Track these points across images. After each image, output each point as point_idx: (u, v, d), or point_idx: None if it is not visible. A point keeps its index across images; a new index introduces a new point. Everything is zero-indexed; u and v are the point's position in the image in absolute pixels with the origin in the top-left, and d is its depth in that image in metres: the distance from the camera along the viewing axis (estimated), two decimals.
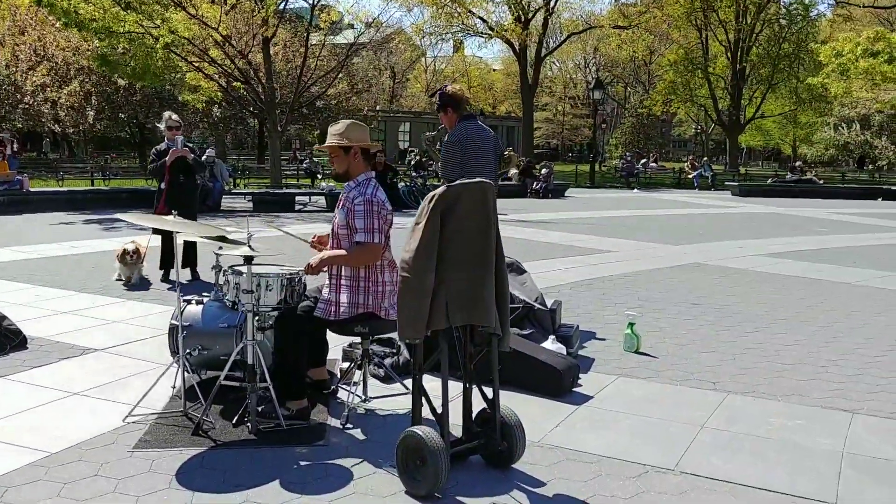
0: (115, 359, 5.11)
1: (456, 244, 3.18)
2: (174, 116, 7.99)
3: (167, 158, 7.75)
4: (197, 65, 18.39)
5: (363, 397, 4.23)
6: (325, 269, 3.97)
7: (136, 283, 7.60)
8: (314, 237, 4.32)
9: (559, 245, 11.44)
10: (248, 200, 17.30)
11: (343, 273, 3.94)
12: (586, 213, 17.63)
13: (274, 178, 20.18)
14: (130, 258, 7.51)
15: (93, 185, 20.64)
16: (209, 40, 18.60)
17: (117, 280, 7.71)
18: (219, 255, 4.31)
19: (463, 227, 3.18)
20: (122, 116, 29.42)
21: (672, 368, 5.09)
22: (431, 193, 3.16)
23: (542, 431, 3.92)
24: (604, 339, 5.81)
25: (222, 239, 4.17)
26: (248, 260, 3.86)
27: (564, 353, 4.77)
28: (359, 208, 3.87)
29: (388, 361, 4.77)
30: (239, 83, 19.44)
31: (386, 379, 4.68)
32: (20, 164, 21.42)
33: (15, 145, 18.40)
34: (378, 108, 53.07)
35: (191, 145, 8.11)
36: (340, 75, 30.29)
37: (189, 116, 32.28)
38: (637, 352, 5.43)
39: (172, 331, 4.41)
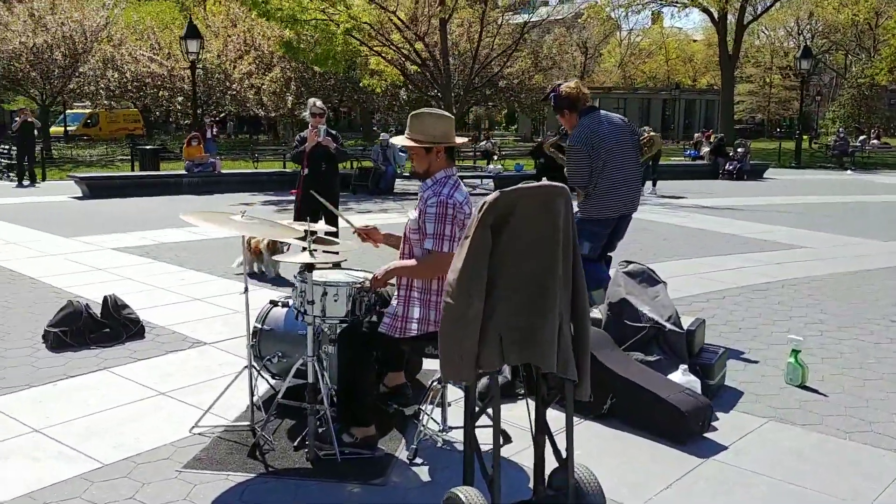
0: (220, 355, 4.97)
1: (510, 265, 2.52)
2: (318, 103, 7.84)
3: (307, 145, 7.62)
4: (376, 49, 18.62)
5: (441, 426, 3.68)
6: (394, 280, 3.46)
7: (278, 276, 7.43)
8: (361, 228, 3.84)
9: (741, 238, 10.15)
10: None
11: (414, 284, 3.40)
12: (784, 198, 15.76)
13: None
14: (277, 249, 7.28)
15: (284, 167, 21.67)
16: (389, 24, 18.77)
17: (251, 273, 7.44)
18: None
19: (520, 243, 2.52)
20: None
21: (844, 414, 4.05)
22: (483, 201, 2.53)
23: (646, 493, 3.17)
24: (759, 363, 4.83)
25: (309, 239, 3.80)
26: (310, 268, 3.44)
27: (698, 387, 3.92)
28: (430, 210, 3.32)
29: (482, 382, 4.18)
30: (416, 65, 19.48)
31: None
32: (218, 147, 22.93)
33: (214, 129, 19.74)
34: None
35: (334, 132, 7.93)
36: (525, 53, 29.75)
37: (378, 100, 33.30)
38: (802, 386, 4.42)
39: (255, 334, 4.13)
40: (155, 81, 28.18)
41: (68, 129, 34.36)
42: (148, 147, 20.31)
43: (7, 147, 19.71)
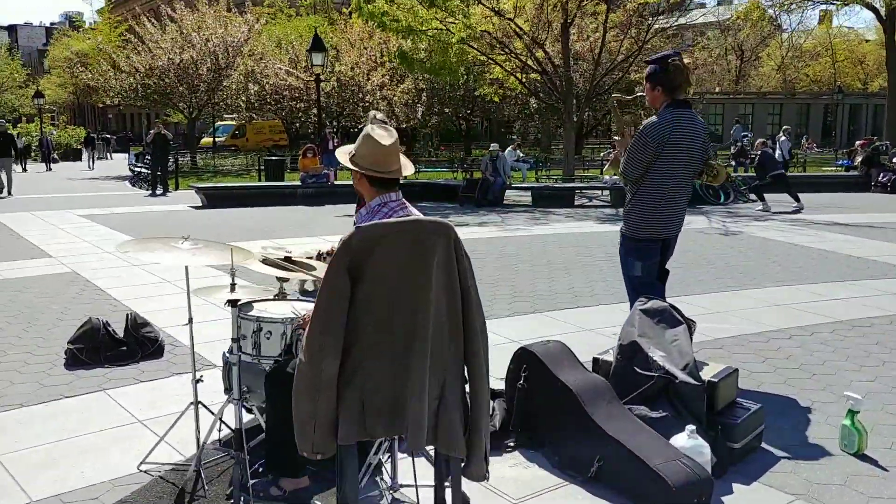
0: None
1: (374, 317, 2.09)
2: (378, 115, 7.57)
3: None
4: (492, 57, 18.29)
5: (391, 483, 3.26)
6: None
7: None
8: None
9: (866, 261, 8.92)
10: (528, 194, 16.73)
11: None
12: None
13: (566, 170, 19.35)
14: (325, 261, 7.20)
15: (406, 178, 21.79)
16: (508, 32, 18.39)
17: (306, 290, 7.34)
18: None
19: (383, 290, 2.08)
20: (447, 111, 30.89)
21: None
22: (341, 238, 2.12)
23: None
24: (819, 422, 4.03)
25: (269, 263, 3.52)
26: (233, 304, 3.14)
27: (706, 454, 3.25)
28: None
29: None
30: (537, 73, 18.95)
31: None
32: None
33: (336, 140, 20.23)
34: (717, 90, 49.16)
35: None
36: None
37: (508, 110, 32.92)
38: (857, 454, 3.62)
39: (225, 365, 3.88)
40: (292, 94, 29.33)
41: (217, 140, 36.57)
42: (273, 158, 21.07)
43: (145, 157, 21.04)
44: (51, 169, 30.83)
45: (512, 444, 3.75)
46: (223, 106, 31.68)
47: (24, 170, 30.44)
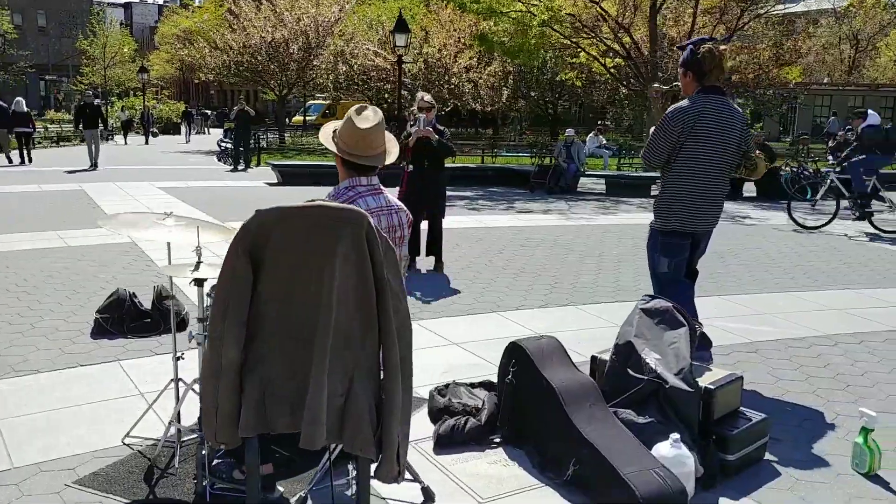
0: None
1: (276, 306, 2.02)
2: (427, 97, 7.49)
3: (410, 140, 7.33)
4: (576, 41, 17.84)
5: (354, 473, 3.19)
6: None
7: None
8: None
9: None
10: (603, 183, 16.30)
11: None
12: None
13: None
14: None
15: (483, 161, 21.63)
16: (593, 14, 17.90)
17: None
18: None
19: (283, 278, 2.00)
20: (533, 95, 30.46)
21: None
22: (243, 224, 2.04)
23: None
24: (839, 438, 3.71)
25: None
26: (199, 283, 3.12)
27: (690, 465, 3.04)
28: None
29: (448, 424, 3.62)
30: (621, 58, 18.40)
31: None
32: None
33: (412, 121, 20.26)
34: (826, 80, 46.57)
35: (441, 128, 7.54)
36: (764, 45, 27.06)
37: (598, 94, 32.18)
38: (868, 474, 3.32)
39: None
40: (379, 75, 29.52)
41: (308, 118, 37.32)
42: None
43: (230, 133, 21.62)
44: (149, 142, 32.21)
45: (497, 440, 3.63)
46: (312, 85, 32.25)
47: (126, 142, 32.00)
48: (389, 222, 2.97)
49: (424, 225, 7.61)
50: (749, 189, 15.75)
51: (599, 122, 26.24)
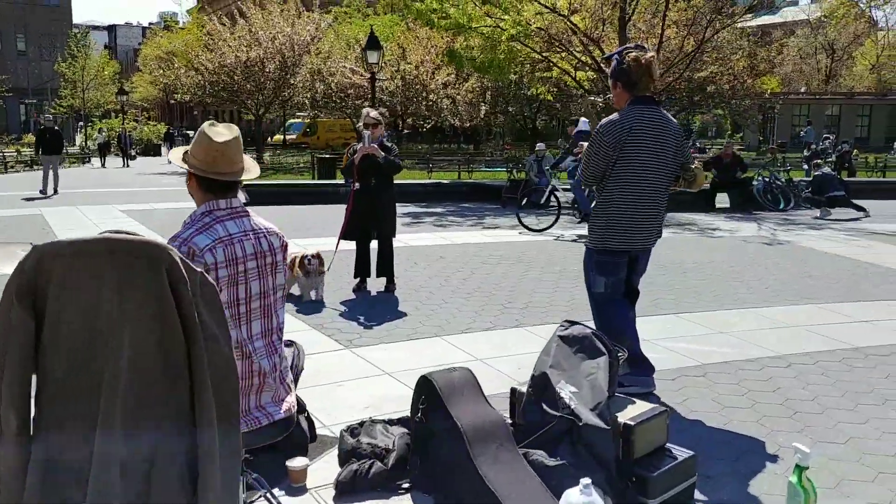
0: None
1: (58, 356, 1.73)
2: (373, 113, 7.24)
3: (356, 157, 7.08)
4: (547, 55, 17.69)
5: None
6: None
7: (315, 301, 6.81)
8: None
9: None
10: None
11: None
12: None
13: None
14: (310, 264, 6.83)
15: (459, 177, 21.43)
16: (563, 29, 17.76)
17: (287, 297, 6.93)
18: None
19: (68, 323, 1.72)
20: (511, 111, 30.36)
21: None
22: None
23: None
24: (773, 467, 3.45)
25: None
26: None
27: None
28: None
29: (350, 469, 3.33)
30: (593, 71, 18.23)
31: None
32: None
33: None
34: (803, 90, 46.79)
35: (389, 144, 7.29)
36: (738, 56, 27.11)
37: (575, 108, 32.06)
38: None
39: None
40: (357, 92, 29.39)
41: (287, 137, 37.10)
42: (326, 156, 21.07)
43: None
44: (128, 165, 31.88)
45: (406, 485, 3.34)
46: (290, 104, 32.07)
47: (103, 165, 31.65)
48: (256, 248, 2.71)
49: (374, 244, 7.34)
50: (722, 200, 15.57)
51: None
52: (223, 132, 2.70)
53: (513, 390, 3.53)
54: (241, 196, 2.93)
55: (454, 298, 6.96)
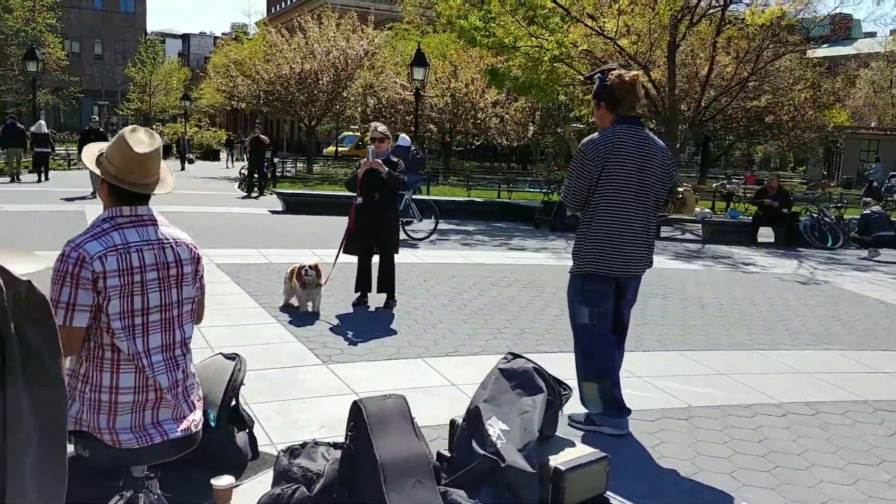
0: None
1: None
2: (380, 128, 7.12)
3: (359, 171, 6.97)
4: (589, 76, 17.44)
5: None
6: None
7: (311, 313, 6.69)
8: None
9: None
10: None
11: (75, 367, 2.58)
12: None
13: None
14: (307, 275, 6.72)
15: (498, 196, 21.21)
16: (610, 52, 17.49)
17: (285, 307, 6.81)
18: None
19: None
20: (560, 132, 30.05)
21: None
22: None
23: None
24: None
25: None
26: None
27: None
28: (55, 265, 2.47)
29: (273, 493, 3.16)
30: None
31: None
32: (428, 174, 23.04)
33: (420, 154, 19.84)
34: (873, 125, 45.15)
35: (395, 159, 7.16)
36: (800, 86, 26.33)
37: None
38: None
39: None
40: (407, 108, 29.48)
41: (340, 149, 37.48)
42: None
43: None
44: (184, 168, 32.57)
45: None
46: (342, 117, 32.42)
47: None
48: (158, 259, 2.57)
49: (376, 259, 7.20)
50: (766, 235, 15.01)
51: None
52: (144, 141, 2.58)
53: (452, 422, 3.33)
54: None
55: (451, 319, 6.76)
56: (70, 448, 2.47)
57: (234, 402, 3.81)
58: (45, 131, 20.41)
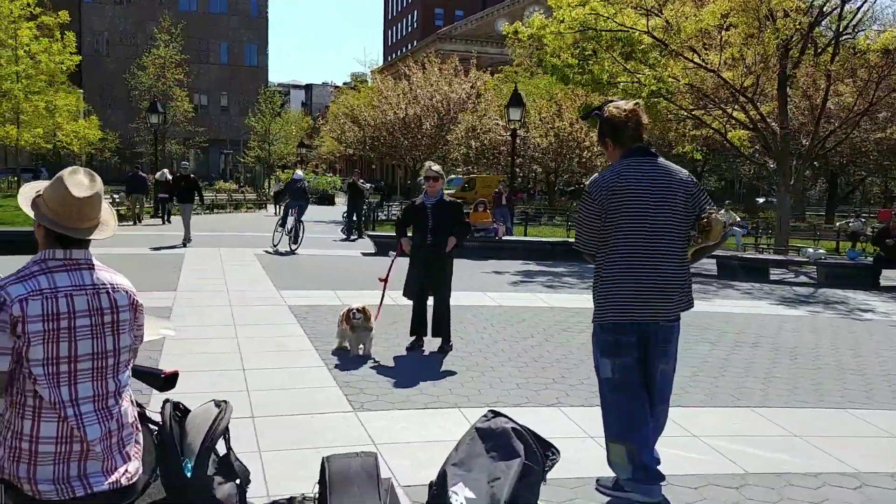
0: None
1: None
2: (434, 167, 6.96)
3: (394, 255, 6.83)
4: (695, 112, 16.69)
5: None
6: None
7: (361, 356, 6.52)
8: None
9: None
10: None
11: None
12: None
13: (777, 239, 16.91)
14: (355, 318, 6.55)
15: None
16: (715, 85, 16.74)
17: (338, 350, 6.68)
18: None
19: None
20: None
21: None
22: None
23: None
24: None
25: None
26: None
27: None
28: None
29: None
30: (746, 129, 16.97)
31: None
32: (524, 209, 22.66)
33: (505, 194, 19.44)
34: None
35: (449, 199, 6.95)
36: None
37: (744, 167, 30.07)
38: None
39: None
40: (509, 149, 29.38)
41: (445, 192, 37.81)
42: (468, 211, 21.05)
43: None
44: None
45: None
46: (446, 160, 32.71)
47: (276, 212, 33.72)
48: (91, 304, 2.42)
49: (431, 301, 6.96)
50: (893, 278, 13.68)
51: (727, 200, 24.39)
52: (83, 184, 2.46)
53: (430, 484, 2.99)
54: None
55: (506, 366, 6.39)
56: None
57: (224, 451, 3.62)
58: (168, 178, 21.73)
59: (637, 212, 3.55)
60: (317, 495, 2.91)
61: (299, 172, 18.41)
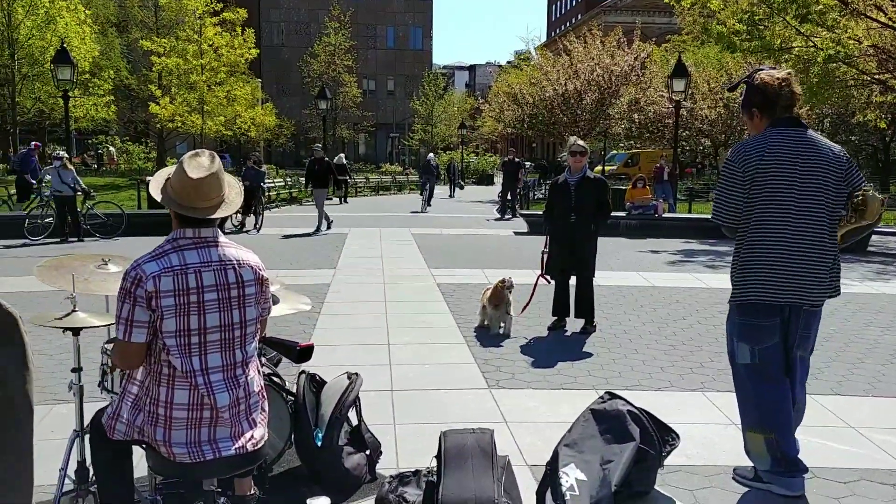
0: None
1: None
2: (579, 142, 6.81)
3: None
4: (879, 77, 15.18)
5: None
6: None
7: (501, 335, 6.58)
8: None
9: None
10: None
11: (134, 376, 2.73)
12: None
13: None
14: (508, 287, 6.59)
15: None
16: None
17: (479, 328, 6.78)
18: None
19: None
20: (854, 140, 26.65)
21: None
22: None
23: None
24: None
25: None
26: (75, 332, 3.02)
27: None
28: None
29: None
30: None
31: None
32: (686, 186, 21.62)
33: (665, 170, 18.42)
34: None
35: (592, 176, 6.79)
36: None
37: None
38: None
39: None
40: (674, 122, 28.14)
41: (608, 168, 36.86)
42: (622, 188, 20.43)
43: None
44: (453, 195, 34.13)
45: None
46: (605, 135, 31.90)
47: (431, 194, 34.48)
48: (218, 280, 2.62)
49: (573, 281, 6.86)
50: None
51: None
52: (203, 166, 2.65)
53: (546, 464, 2.99)
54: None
55: (651, 349, 6.20)
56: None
57: (356, 422, 3.81)
58: (344, 162, 23.16)
59: (785, 185, 3.33)
60: (432, 473, 2.99)
61: (431, 155, 23.03)
